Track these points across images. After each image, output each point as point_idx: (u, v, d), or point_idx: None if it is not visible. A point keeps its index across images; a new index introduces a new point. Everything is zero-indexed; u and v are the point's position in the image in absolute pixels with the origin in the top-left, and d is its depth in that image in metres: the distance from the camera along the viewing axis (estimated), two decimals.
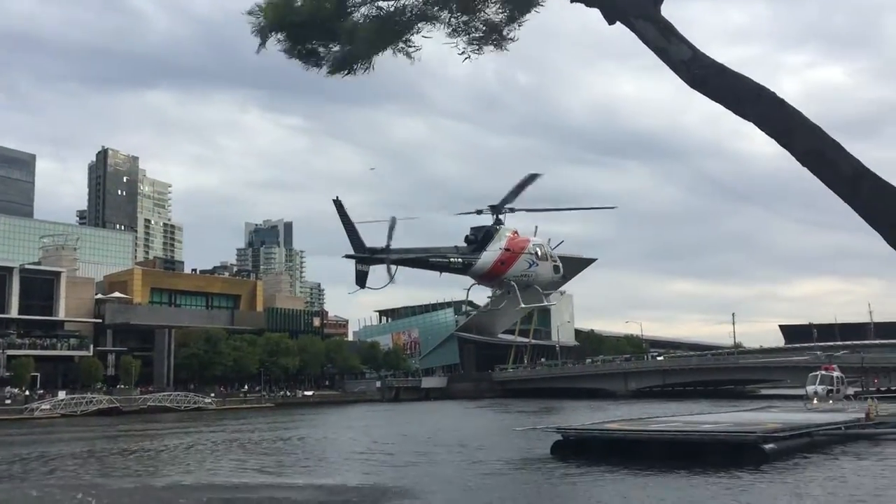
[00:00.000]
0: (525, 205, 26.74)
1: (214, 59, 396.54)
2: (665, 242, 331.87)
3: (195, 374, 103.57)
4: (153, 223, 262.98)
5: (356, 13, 9.34)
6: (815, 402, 52.94)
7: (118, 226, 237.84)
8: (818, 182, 7.38)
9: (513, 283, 28.86)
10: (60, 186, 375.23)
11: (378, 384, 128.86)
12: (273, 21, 9.34)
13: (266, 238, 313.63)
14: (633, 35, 7.78)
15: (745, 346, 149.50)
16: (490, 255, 27.72)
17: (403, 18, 9.20)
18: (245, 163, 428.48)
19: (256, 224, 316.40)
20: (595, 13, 8.05)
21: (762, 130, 7.48)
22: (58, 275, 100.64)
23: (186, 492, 25.74)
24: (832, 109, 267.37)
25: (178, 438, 47.96)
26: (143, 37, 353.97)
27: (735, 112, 7.64)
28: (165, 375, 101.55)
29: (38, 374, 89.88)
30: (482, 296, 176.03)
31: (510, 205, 27.07)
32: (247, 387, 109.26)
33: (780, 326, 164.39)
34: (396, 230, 25.47)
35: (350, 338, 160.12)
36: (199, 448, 41.91)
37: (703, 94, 7.65)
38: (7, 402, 78.29)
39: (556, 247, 30.64)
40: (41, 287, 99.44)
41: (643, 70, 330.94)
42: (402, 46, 9.42)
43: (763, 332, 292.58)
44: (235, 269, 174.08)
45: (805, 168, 7.34)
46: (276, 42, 9.53)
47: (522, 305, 29.20)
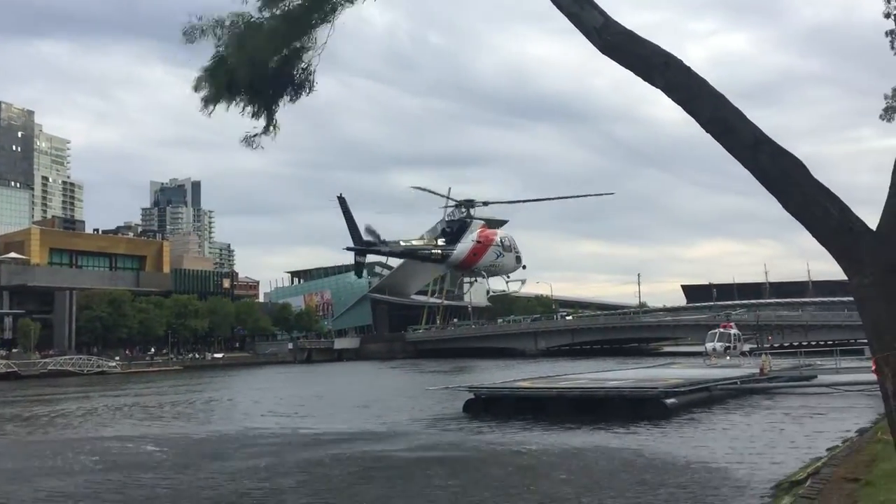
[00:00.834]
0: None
1: (112, 8, 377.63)
2: (574, 204, 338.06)
3: (99, 338, 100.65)
4: (51, 181, 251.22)
5: None
6: (714, 359, 55.41)
7: (13, 183, 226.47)
8: (720, 147, 7.67)
9: (483, 272, 32.53)
10: None
11: (290, 346, 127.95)
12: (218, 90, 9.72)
13: (173, 197, 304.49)
14: None
15: (650, 306, 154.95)
16: (464, 247, 31.33)
17: None
18: (149, 119, 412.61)
19: (162, 183, 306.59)
20: None
21: (669, 97, 7.69)
22: None
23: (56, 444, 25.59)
24: (735, 76, 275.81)
25: (78, 403, 46.63)
26: None
27: (644, 78, 7.82)
28: (67, 339, 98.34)
29: None
30: (393, 260, 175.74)
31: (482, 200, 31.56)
32: (153, 350, 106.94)
33: (683, 286, 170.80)
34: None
35: (261, 299, 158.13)
36: (99, 412, 40.87)
37: (614, 61, 7.80)
38: None
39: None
40: None
41: (554, 33, 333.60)
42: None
43: (666, 292, 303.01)
44: (140, 230, 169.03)
45: (709, 134, 7.62)
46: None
47: (492, 292, 32.71)
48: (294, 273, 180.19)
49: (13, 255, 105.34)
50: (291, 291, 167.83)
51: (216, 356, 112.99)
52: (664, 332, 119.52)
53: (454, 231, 32.30)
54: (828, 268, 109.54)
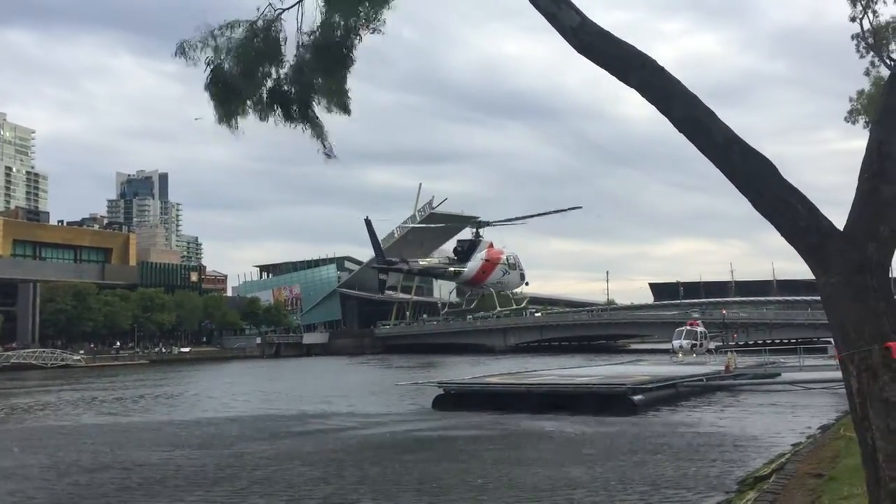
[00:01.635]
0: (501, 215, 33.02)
1: None
2: (545, 202, 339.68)
3: (63, 331, 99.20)
4: (15, 171, 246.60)
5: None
6: (681, 356, 56.08)
7: None
8: (689, 147, 7.77)
9: (490, 289, 35.81)
10: None
11: (258, 340, 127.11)
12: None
13: (140, 189, 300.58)
14: None
15: (618, 303, 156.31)
16: (474, 266, 34.42)
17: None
18: (116, 110, 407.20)
19: (129, 174, 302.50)
20: None
21: (643, 96, 7.76)
22: None
23: None
24: (703, 76, 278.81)
25: (36, 397, 45.97)
26: None
27: (619, 78, 7.89)
28: (30, 331, 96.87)
29: None
30: (366, 253, 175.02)
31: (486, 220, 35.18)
32: (119, 343, 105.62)
33: (650, 284, 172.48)
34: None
35: (229, 293, 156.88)
36: (56, 405, 40.30)
37: (590, 60, 7.85)
38: None
39: (439, 205, 37.57)
40: None
41: (526, 31, 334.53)
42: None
43: (634, 290, 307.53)
44: (106, 222, 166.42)
45: (681, 133, 7.71)
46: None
47: (499, 309, 37.69)
48: (263, 267, 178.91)
49: None
50: (260, 286, 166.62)
51: (183, 350, 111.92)
52: (632, 330, 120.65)
53: (465, 250, 35.37)
54: (792, 267, 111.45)
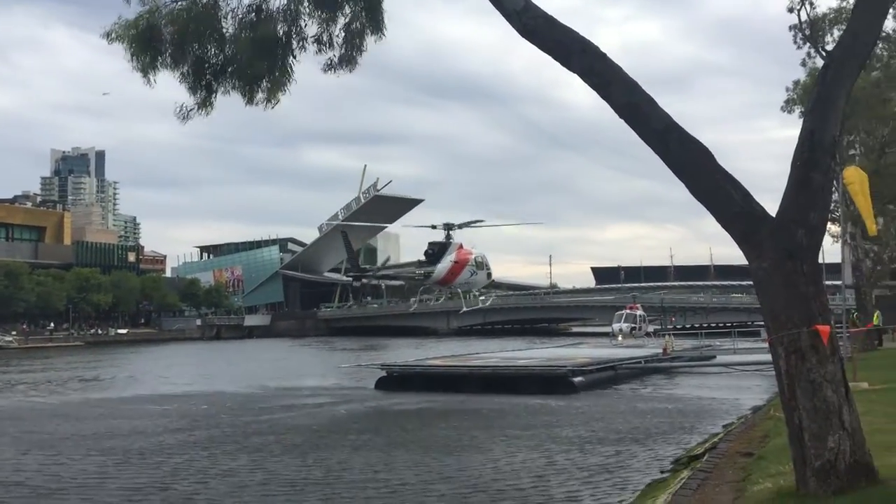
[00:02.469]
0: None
1: None
2: (489, 185, 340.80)
3: None
4: None
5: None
6: (620, 339, 57.05)
7: None
8: (631, 133, 7.91)
9: (458, 290, 37.29)
10: None
11: (198, 322, 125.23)
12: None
13: (75, 167, 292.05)
14: None
15: (560, 287, 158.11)
16: (443, 267, 36.02)
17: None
18: (50, 84, 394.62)
19: (64, 151, 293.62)
20: None
21: (585, 82, 7.86)
22: None
23: None
24: (645, 63, 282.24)
25: None
26: None
27: (561, 63, 7.96)
28: None
29: None
30: (309, 234, 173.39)
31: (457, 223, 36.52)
32: (53, 325, 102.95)
33: (592, 268, 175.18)
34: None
35: (168, 274, 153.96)
36: None
37: (533, 44, 7.91)
38: None
39: (384, 186, 38.08)
40: None
41: (469, 13, 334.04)
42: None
43: (576, 273, 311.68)
44: (40, 200, 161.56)
45: (621, 119, 7.83)
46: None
47: (465, 310, 39.51)
48: (203, 248, 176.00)
49: None
50: (200, 266, 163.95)
51: (120, 332, 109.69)
52: (573, 313, 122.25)
53: (436, 252, 36.70)
54: (729, 252, 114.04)
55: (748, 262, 7.53)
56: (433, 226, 37.04)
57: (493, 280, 41.50)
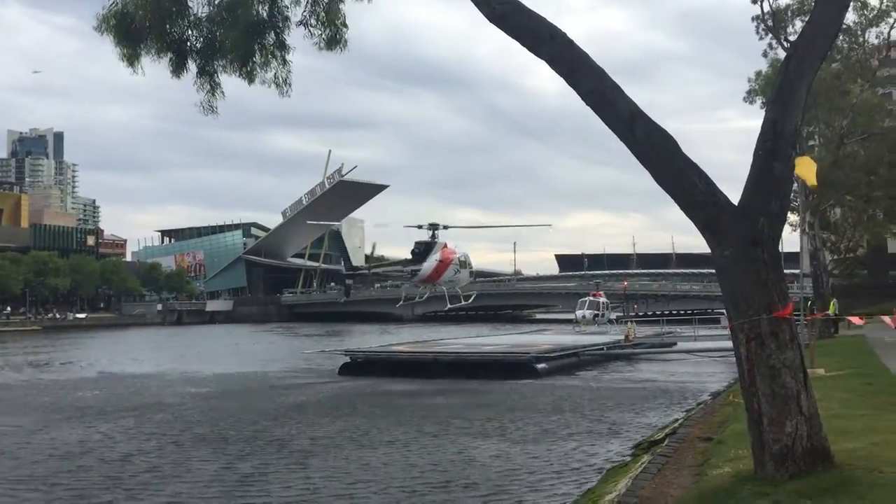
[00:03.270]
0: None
1: None
2: (454, 171, 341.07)
3: None
4: None
5: None
6: (583, 326, 57.55)
7: None
8: (595, 121, 7.93)
9: (443, 287, 38.95)
10: None
11: (159, 307, 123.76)
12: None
13: (32, 148, 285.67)
14: None
15: (524, 274, 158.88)
16: (429, 266, 37.44)
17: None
18: (5, 63, 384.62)
19: (21, 132, 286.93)
20: None
21: (552, 68, 7.86)
22: None
23: None
24: (610, 52, 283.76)
25: None
26: None
27: (529, 49, 7.95)
28: None
29: None
30: (273, 219, 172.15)
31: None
32: (9, 308, 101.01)
33: (556, 256, 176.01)
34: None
35: (129, 258, 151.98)
36: None
37: (501, 30, 7.89)
38: None
39: (349, 172, 38.09)
40: None
41: None
42: None
43: (541, 261, 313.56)
44: None
45: (588, 106, 7.85)
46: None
47: (449, 307, 40.33)
48: (165, 232, 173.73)
49: None
50: (161, 251, 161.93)
51: (79, 316, 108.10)
52: (537, 300, 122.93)
53: (422, 251, 38.27)
54: (690, 241, 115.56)
55: (711, 250, 7.61)
56: (419, 226, 38.84)
57: (475, 278, 42.88)
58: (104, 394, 27.85)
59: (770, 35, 35.85)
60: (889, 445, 8.45)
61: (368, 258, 44.32)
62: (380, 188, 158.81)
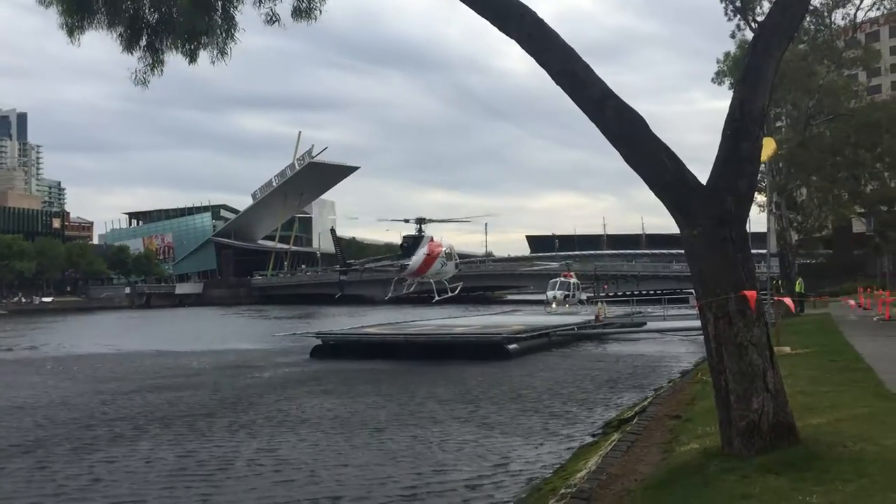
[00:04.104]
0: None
1: None
2: (425, 153, 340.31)
3: None
4: None
5: None
6: (554, 306, 57.93)
7: None
8: (565, 102, 7.94)
9: (430, 280, 40.98)
10: None
11: (127, 290, 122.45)
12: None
13: None
14: None
15: (496, 255, 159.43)
16: (417, 260, 39.43)
17: None
18: None
19: None
20: None
21: (523, 48, 7.83)
22: None
23: None
24: (579, 33, 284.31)
25: None
26: None
27: (499, 28, 7.92)
28: None
29: None
30: (243, 201, 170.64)
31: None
32: None
33: (527, 237, 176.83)
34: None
35: (95, 241, 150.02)
36: None
37: (471, 9, 7.84)
38: None
39: (319, 153, 38.81)
40: None
41: None
42: None
43: (512, 242, 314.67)
44: None
45: (558, 86, 7.84)
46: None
47: (437, 299, 42.07)
48: (132, 214, 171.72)
49: None
50: (129, 234, 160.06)
51: (45, 300, 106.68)
52: (509, 281, 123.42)
53: (410, 245, 40.34)
54: (660, 222, 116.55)
55: (679, 230, 7.67)
56: (406, 220, 41.32)
57: (460, 270, 45.81)
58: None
59: (738, 16, 36.08)
60: (853, 421, 8.63)
61: (339, 240, 45.97)
62: (350, 170, 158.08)
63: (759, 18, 31.16)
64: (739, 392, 7.19)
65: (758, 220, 37.82)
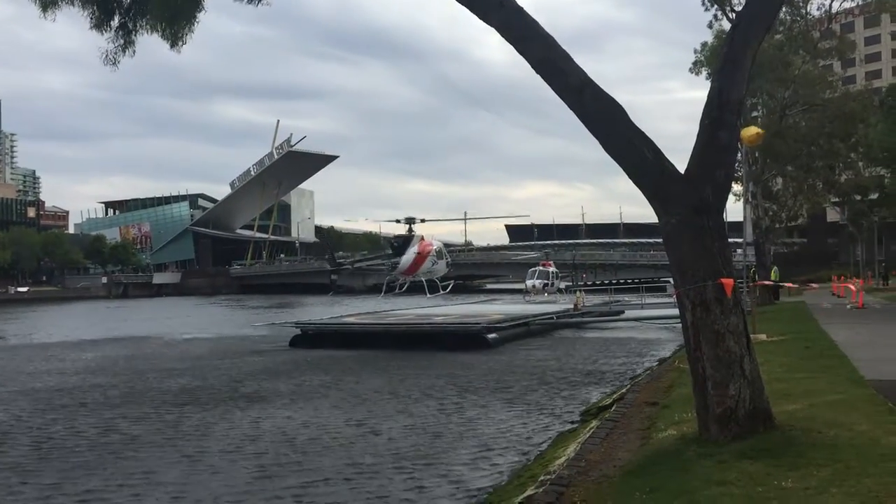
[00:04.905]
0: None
1: None
2: (404, 142, 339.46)
3: None
4: None
5: None
6: (533, 295, 58.13)
7: None
8: (543, 91, 7.98)
9: (422, 279, 41.56)
10: None
11: (104, 280, 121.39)
12: None
13: None
14: None
15: (475, 244, 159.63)
16: (407, 259, 40.11)
17: None
18: None
19: None
20: None
21: (503, 36, 7.84)
22: None
23: None
24: (556, 21, 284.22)
25: None
26: None
27: (479, 16, 7.91)
28: None
29: None
30: (220, 190, 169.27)
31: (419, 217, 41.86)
32: None
33: (506, 226, 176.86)
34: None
35: (71, 230, 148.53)
36: None
37: None
38: None
39: (298, 142, 38.64)
40: None
41: None
42: None
43: (491, 231, 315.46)
44: None
45: (538, 75, 7.85)
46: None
47: (429, 296, 42.42)
48: (109, 203, 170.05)
49: None
50: (106, 223, 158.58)
51: (20, 290, 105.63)
52: (488, 270, 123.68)
53: (401, 244, 40.86)
54: (637, 211, 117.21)
55: (658, 218, 7.73)
56: (397, 220, 41.74)
57: (451, 269, 46.89)
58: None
59: (715, 6, 36.28)
60: (827, 407, 8.75)
61: (328, 241, 47.69)
62: (329, 159, 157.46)
63: (737, 8, 31.33)
64: (717, 378, 7.27)
65: (734, 210, 38.19)
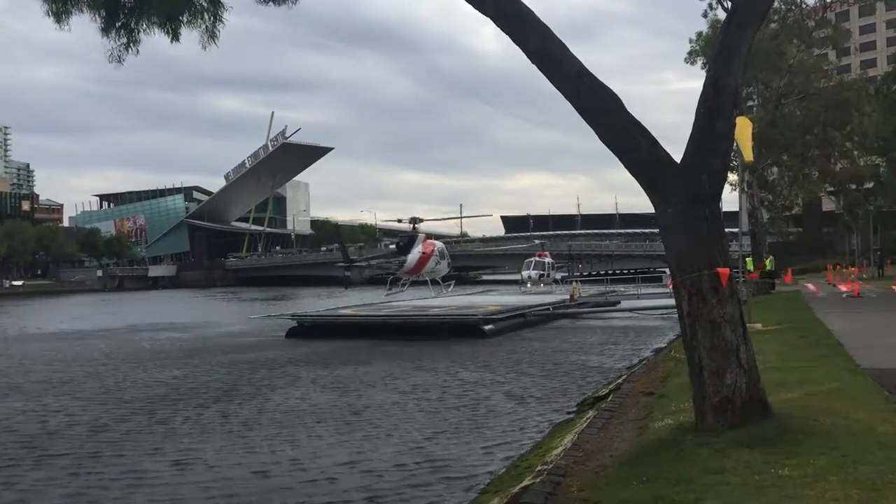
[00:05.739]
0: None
1: None
2: (399, 134, 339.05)
3: None
4: None
5: None
6: (529, 286, 58.18)
7: None
8: (538, 81, 7.95)
9: (426, 278, 43.12)
10: None
11: (99, 273, 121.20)
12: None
13: None
14: None
15: (471, 235, 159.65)
16: (412, 258, 41.61)
17: None
18: None
19: None
20: None
21: (498, 26, 7.80)
22: None
23: None
24: (551, 10, 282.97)
25: None
26: None
27: (474, 6, 7.88)
28: None
29: None
30: (215, 182, 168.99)
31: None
32: None
33: (502, 217, 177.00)
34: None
35: (66, 224, 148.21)
36: None
37: None
38: None
39: (293, 134, 38.91)
40: None
41: None
42: None
43: (486, 222, 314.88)
44: None
45: (534, 65, 7.82)
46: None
47: (434, 296, 42.60)
48: (103, 196, 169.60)
49: None
50: (100, 216, 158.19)
51: (15, 284, 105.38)
52: (484, 261, 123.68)
53: (406, 244, 42.51)
54: (633, 201, 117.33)
55: (654, 208, 7.72)
56: (399, 219, 44.48)
57: (451, 269, 48.67)
58: None
59: None
60: (823, 396, 8.77)
61: (336, 235, 48.75)
62: (324, 151, 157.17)
63: None
64: (713, 368, 7.28)
65: (729, 199, 38.28)
